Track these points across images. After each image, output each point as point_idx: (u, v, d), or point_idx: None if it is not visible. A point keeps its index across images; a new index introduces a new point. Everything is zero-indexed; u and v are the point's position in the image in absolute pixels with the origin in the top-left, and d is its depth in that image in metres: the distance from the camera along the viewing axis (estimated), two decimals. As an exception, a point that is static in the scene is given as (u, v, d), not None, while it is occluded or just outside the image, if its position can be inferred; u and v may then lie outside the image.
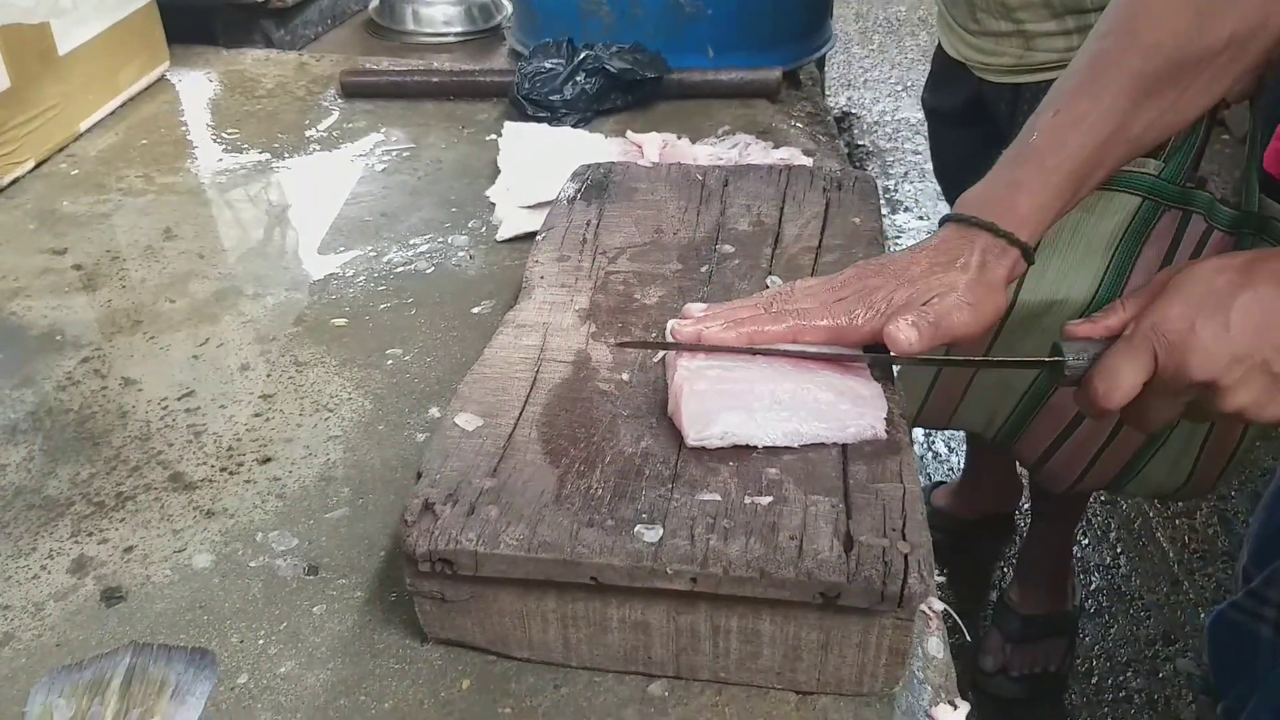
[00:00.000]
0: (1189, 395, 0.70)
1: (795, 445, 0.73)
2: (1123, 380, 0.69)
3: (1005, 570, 2.03)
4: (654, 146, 1.40)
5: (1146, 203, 1.10)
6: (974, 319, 0.78)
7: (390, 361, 1.04)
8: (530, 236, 1.11)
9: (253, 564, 0.81)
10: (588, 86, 1.53)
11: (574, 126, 1.51)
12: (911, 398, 1.27)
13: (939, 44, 1.58)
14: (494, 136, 1.50)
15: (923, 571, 0.63)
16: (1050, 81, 1.24)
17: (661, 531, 0.66)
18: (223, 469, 0.91)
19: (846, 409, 0.75)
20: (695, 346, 0.80)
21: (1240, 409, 0.68)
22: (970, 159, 1.52)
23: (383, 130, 1.55)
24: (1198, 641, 1.84)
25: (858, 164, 3.30)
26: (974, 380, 1.27)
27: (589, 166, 1.16)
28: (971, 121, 1.45)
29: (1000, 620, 1.80)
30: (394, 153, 1.49)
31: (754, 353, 0.79)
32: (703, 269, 0.97)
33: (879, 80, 4.04)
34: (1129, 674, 1.80)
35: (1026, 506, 2.10)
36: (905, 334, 0.75)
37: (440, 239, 1.26)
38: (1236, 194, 1.07)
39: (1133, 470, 1.29)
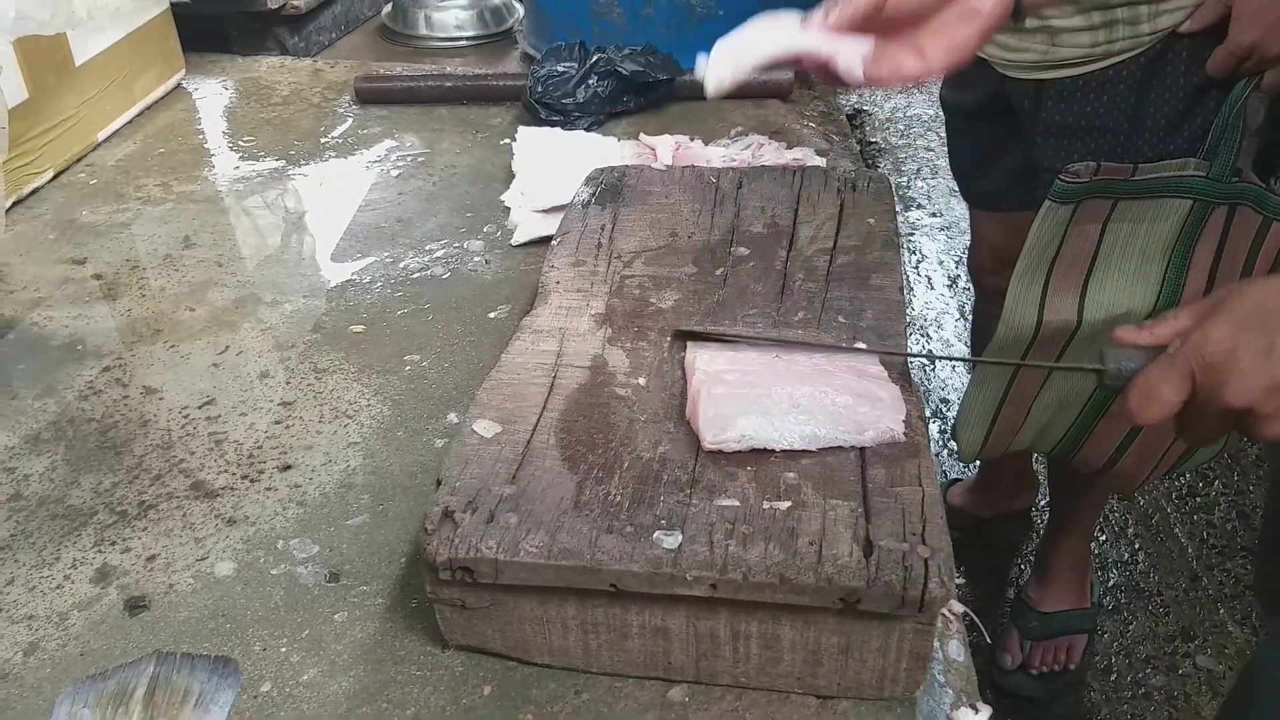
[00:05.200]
0: (1230, 418, 0.67)
1: (813, 449, 0.73)
2: (1158, 398, 0.67)
3: (1023, 567, 2.02)
4: (667, 149, 1.40)
5: (1197, 204, 1.10)
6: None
7: (408, 368, 1.05)
8: (545, 241, 1.12)
9: (274, 572, 0.82)
10: (600, 89, 1.53)
11: (587, 130, 1.51)
12: (975, 432, 1.27)
13: None
14: (508, 141, 1.50)
15: (943, 576, 0.63)
16: (1075, 78, 1.23)
17: (680, 538, 0.66)
18: (244, 477, 0.92)
19: (865, 412, 0.75)
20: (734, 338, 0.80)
21: None
22: (989, 154, 1.51)
23: (397, 136, 1.56)
24: (1218, 637, 1.83)
25: (869, 161, 3.29)
26: (1033, 406, 1.27)
27: (603, 170, 1.16)
28: (992, 117, 1.44)
29: (1019, 618, 1.79)
30: (408, 158, 1.49)
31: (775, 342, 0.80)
32: (718, 272, 0.97)
33: (891, 76, 4.02)
34: (1148, 671, 1.79)
35: (1043, 503, 2.09)
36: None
37: (456, 244, 1.26)
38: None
39: (1189, 454, 1.29)
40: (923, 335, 2.56)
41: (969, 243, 1.79)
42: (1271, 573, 1.12)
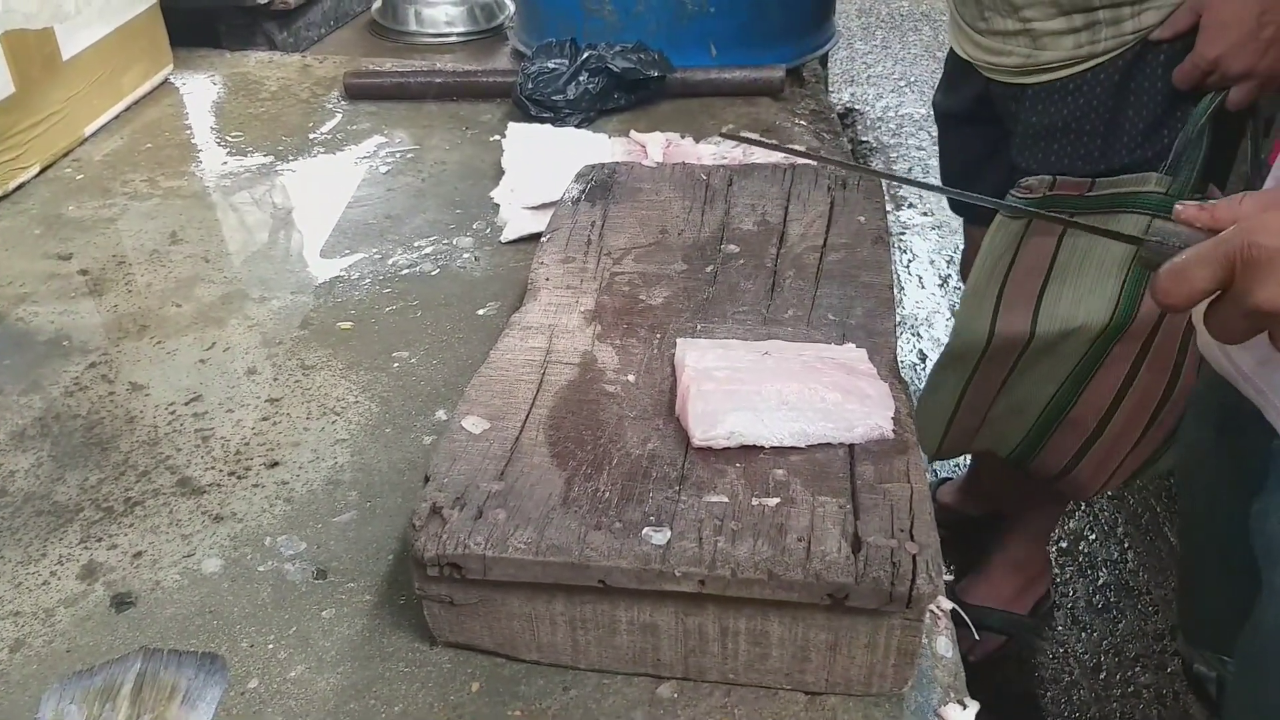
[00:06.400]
0: (1257, 321, 0.61)
1: (802, 445, 0.73)
2: (1189, 282, 0.60)
3: (1012, 566, 2.02)
4: (658, 146, 1.40)
5: (1156, 220, 1.09)
6: None
7: (396, 364, 1.04)
8: (535, 237, 1.11)
9: (261, 568, 0.82)
10: (591, 86, 1.53)
11: (577, 127, 1.51)
12: (930, 435, 1.27)
13: (951, 46, 1.57)
14: (498, 137, 1.50)
15: (931, 572, 0.63)
16: (1057, 81, 1.23)
17: (669, 534, 0.66)
18: (231, 473, 0.91)
19: (854, 409, 0.75)
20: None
21: None
22: (978, 162, 1.50)
23: (386, 132, 1.56)
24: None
25: (861, 161, 3.29)
26: (990, 411, 1.27)
27: (593, 167, 1.16)
28: (980, 123, 1.44)
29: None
30: (398, 154, 1.49)
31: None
32: (708, 269, 0.97)
33: (882, 76, 4.03)
34: (1137, 669, 1.80)
35: (1034, 502, 2.10)
36: None
37: (445, 241, 1.26)
38: None
39: (1151, 462, 1.29)
40: (913, 334, 2.57)
41: (963, 246, 1.79)
42: (1191, 606, 1.13)
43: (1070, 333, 1.15)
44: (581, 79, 1.53)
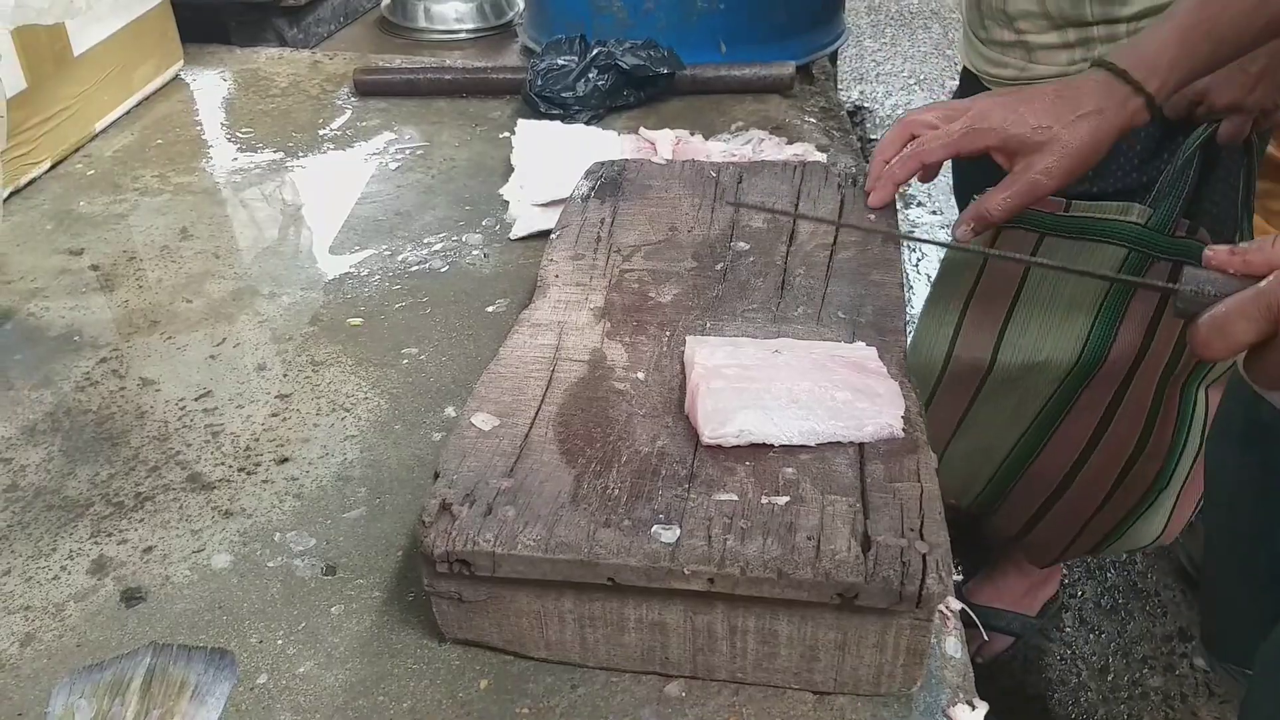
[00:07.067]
0: None
1: (812, 444, 0.73)
2: (1230, 335, 0.60)
3: (1020, 566, 2.02)
4: (667, 143, 1.39)
5: (1133, 254, 1.06)
6: (1058, 176, 0.89)
7: (406, 361, 1.04)
8: (544, 234, 1.11)
9: (271, 564, 0.82)
10: (600, 83, 1.52)
11: (587, 124, 1.51)
12: None
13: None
14: (507, 134, 1.50)
15: (941, 571, 0.63)
16: None
17: (678, 532, 0.66)
18: (240, 469, 0.91)
19: (864, 407, 0.75)
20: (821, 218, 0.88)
21: None
22: (984, 174, 1.49)
23: (396, 128, 1.56)
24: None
25: (870, 158, 3.29)
26: (949, 447, 1.24)
27: (602, 164, 1.16)
28: None
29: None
30: (407, 151, 1.49)
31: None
32: (717, 266, 0.97)
33: (891, 74, 4.02)
34: (1145, 671, 1.80)
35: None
36: (960, 231, 0.96)
37: (454, 237, 1.26)
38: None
39: (1117, 533, 1.25)
40: (921, 332, 2.56)
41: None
42: (1214, 620, 1.12)
43: (1033, 367, 1.13)
44: (591, 76, 1.53)
